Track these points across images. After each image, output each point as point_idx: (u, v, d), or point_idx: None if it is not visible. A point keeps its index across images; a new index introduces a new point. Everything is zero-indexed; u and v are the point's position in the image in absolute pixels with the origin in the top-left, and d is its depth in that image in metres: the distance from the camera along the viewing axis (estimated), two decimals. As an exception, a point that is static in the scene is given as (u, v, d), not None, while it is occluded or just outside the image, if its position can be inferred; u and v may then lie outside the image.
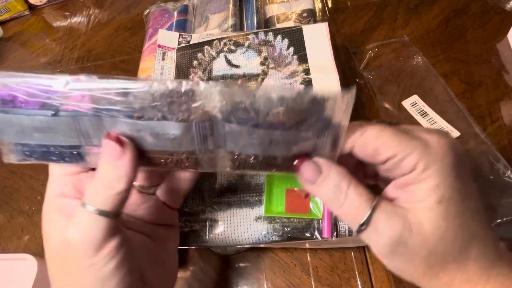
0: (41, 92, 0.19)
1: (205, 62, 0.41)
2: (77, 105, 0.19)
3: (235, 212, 0.33)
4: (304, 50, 0.39)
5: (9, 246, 0.41)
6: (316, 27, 0.40)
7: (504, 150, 0.36)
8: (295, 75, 0.38)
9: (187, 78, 0.41)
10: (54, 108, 0.20)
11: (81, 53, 0.58)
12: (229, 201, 0.33)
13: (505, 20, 0.45)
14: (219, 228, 0.33)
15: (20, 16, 0.68)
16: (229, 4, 0.50)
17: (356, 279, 0.32)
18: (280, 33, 0.40)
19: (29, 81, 0.19)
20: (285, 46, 0.40)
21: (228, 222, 0.33)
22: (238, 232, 0.32)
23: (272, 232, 0.32)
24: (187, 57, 0.42)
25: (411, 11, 0.49)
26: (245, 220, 0.32)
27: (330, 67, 0.37)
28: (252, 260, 0.34)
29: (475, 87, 0.41)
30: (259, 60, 0.39)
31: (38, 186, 0.45)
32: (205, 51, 0.42)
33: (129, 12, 0.62)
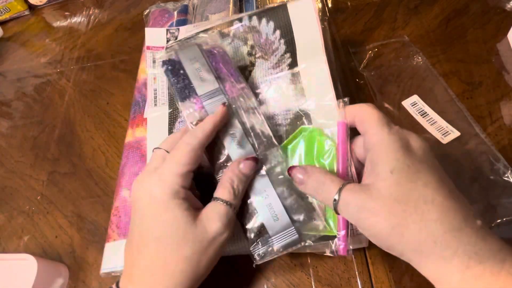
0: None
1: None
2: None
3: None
4: (291, 32, 0.37)
5: (9, 246, 0.41)
6: (302, 3, 0.38)
7: (504, 150, 0.36)
8: (282, 62, 0.36)
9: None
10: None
11: (81, 53, 0.58)
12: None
13: (505, 20, 0.45)
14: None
15: (20, 16, 0.68)
16: (229, 4, 0.50)
17: (356, 279, 0.32)
18: (265, 16, 0.38)
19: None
20: (271, 30, 0.38)
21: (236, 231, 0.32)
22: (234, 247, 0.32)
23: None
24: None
25: (411, 11, 0.49)
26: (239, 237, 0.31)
27: (317, 49, 0.35)
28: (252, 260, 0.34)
29: (475, 87, 0.41)
30: (246, 50, 0.38)
31: (38, 186, 0.45)
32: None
33: (129, 12, 0.62)
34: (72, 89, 0.54)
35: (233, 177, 0.29)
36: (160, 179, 0.27)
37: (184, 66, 0.34)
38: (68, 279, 0.37)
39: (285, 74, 0.36)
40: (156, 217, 0.26)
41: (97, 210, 0.41)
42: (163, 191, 0.27)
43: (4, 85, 0.58)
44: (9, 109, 0.54)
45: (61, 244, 0.40)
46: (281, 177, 0.30)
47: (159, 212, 0.26)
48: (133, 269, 0.26)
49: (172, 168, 0.27)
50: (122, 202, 0.37)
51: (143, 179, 0.28)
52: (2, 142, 0.51)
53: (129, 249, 0.28)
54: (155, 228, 0.26)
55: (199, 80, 0.33)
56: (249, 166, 0.29)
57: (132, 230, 0.28)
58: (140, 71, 0.48)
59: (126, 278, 0.27)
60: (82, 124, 0.49)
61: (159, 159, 0.29)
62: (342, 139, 0.29)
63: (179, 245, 0.26)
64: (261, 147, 0.31)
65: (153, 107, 0.40)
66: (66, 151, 0.47)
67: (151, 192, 0.27)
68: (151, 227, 0.26)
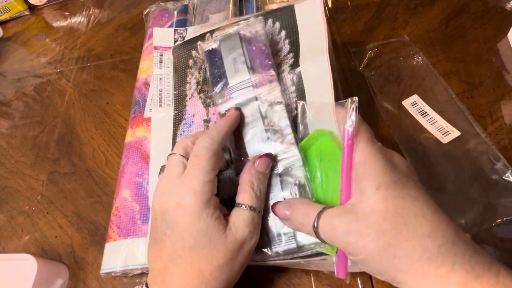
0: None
1: (200, 60, 0.40)
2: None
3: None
4: (297, 32, 0.36)
5: (9, 246, 0.41)
6: (309, 2, 0.37)
7: (505, 150, 0.36)
8: (284, 63, 0.35)
9: (184, 81, 0.40)
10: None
11: (81, 53, 0.58)
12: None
13: (505, 19, 0.45)
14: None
15: (20, 16, 0.68)
16: (229, 4, 0.50)
17: (356, 279, 0.32)
18: (271, 17, 0.38)
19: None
20: (276, 30, 0.37)
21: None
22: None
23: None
24: (183, 57, 0.41)
25: (411, 11, 0.49)
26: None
27: (321, 49, 0.34)
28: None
29: (475, 87, 0.41)
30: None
31: (38, 186, 0.45)
32: (198, 47, 0.40)
33: (129, 12, 0.62)
34: (72, 89, 0.54)
35: (252, 178, 0.28)
36: (190, 189, 0.26)
37: (223, 56, 0.34)
38: (68, 279, 0.37)
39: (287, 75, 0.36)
40: (189, 227, 0.26)
41: (97, 210, 0.41)
42: (195, 201, 0.26)
43: (4, 85, 0.58)
44: (9, 109, 0.54)
45: (61, 244, 0.40)
46: (292, 180, 0.30)
47: (192, 222, 0.26)
48: (165, 277, 0.26)
49: (200, 175, 0.27)
50: (122, 202, 0.37)
51: (168, 188, 0.28)
52: (2, 142, 0.51)
53: (156, 255, 0.27)
54: (189, 239, 0.26)
55: (233, 71, 0.33)
56: (265, 164, 0.29)
57: (159, 237, 0.27)
58: (140, 71, 0.48)
59: (157, 284, 0.27)
60: (82, 124, 0.49)
61: (179, 166, 0.28)
62: (347, 153, 0.26)
63: (212, 255, 0.26)
64: (281, 145, 0.31)
65: (158, 107, 0.40)
66: (66, 151, 0.47)
67: (183, 201, 0.26)
68: (185, 237, 0.26)
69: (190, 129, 0.37)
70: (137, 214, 0.36)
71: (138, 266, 0.33)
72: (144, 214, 0.36)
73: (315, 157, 0.30)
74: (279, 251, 0.29)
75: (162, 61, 0.43)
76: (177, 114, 0.39)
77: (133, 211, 0.36)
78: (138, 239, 0.34)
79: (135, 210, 0.36)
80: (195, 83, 0.39)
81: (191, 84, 0.39)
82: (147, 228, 0.35)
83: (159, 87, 0.41)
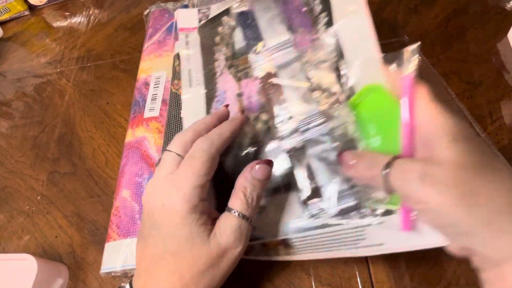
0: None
1: (226, 35, 0.38)
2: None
3: (281, 197, 0.30)
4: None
5: (9, 246, 0.41)
6: None
7: (505, 150, 0.36)
8: (318, 23, 0.33)
9: (212, 59, 0.39)
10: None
11: (81, 53, 0.58)
12: (274, 187, 0.31)
13: (505, 19, 0.45)
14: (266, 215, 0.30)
15: (20, 16, 0.68)
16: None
17: (357, 279, 0.32)
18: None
19: None
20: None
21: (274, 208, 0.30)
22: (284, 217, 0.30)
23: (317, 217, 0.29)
24: (209, 35, 0.40)
25: (411, 11, 0.49)
26: (290, 204, 0.30)
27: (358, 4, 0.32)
28: (251, 259, 0.34)
29: (475, 87, 0.41)
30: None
31: (38, 186, 0.45)
32: (223, 22, 0.39)
33: (129, 12, 0.62)
34: (72, 89, 0.54)
35: (246, 183, 0.27)
36: (178, 191, 0.26)
37: (257, 17, 0.33)
38: (68, 279, 0.37)
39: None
40: (173, 231, 0.26)
41: (97, 210, 0.41)
42: (181, 205, 0.25)
43: (4, 85, 0.58)
44: (9, 109, 0.54)
45: (61, 244, 0.40)
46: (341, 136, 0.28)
47: (176, 226, 0.26)
48: (148, 277, 0.26)
49: (191, 179, 0.26)
50: (122, 202, 0.37)
51: (158, 185, 0.27)
52: (2, 142, 0.51)
53: (142, 253, 0.27)
54: (171, 243, 0.26)
55: (271, 31, 0.32)
56: (263, 171, 0.27)
57: (145, 236, 0.27)
58: (140, 71, 0.48)
59: (140, 283, 0.27)
60: (82, 124, 0.49)
61: (172, 164, 0.27)
62: (409, 104, 0.24)
63: (194, 260, 0.25)
64: (326, 103, 0.29)
65: (188, 88, 0.39)
66: (66, 151, 0.47)
67: (168, 203, 0.26)
68: (167, 241, 0.26)
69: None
70: (137, 214, 0.36)
71: (138, 266, 0.33)
72: (144, 214, 0.36)
73: (368, 113, 0.28)
74: (336, 211, 0.27)
75: (188, 42, 0.42)
76: (208, 93, 0.38)
77: (133, 211, 0.36)
78: (138, 239, 0.34)
79: (135, 210, 0.36)
80: (224, 59, 0.38)
81: (219, 61, 0.38)
82: (147, 228, 0.35)
83: (187, 67, 0.40)
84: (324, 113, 0.30)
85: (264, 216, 0.31)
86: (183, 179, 0.26)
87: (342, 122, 0.29)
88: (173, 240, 0.26)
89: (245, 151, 0.32)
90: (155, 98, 0.44)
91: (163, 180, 0.27)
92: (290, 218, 0.30)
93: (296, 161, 0.30)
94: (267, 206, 0.31)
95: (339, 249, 0.28)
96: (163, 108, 0.43)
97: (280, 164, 0.31)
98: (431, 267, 0.32)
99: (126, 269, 0.34)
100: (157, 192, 0.27)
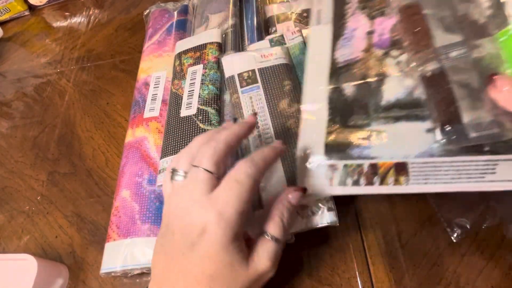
0: None
1: None
2: None
3: (403, 125, 0.30)
4: None
5: (9, 246, 0.41)
6: None
7: (504, 150, 0.36)
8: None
9: (343, 1, 0.39)
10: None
11: (81, 53, 0.58)
12: (396, 116, 0.30)
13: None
14: (384, 138, 0.30)
15: (20, 17, 0.68)
16: (229, 4, 0.50)
17: (357, 279, 0.32)
18: None
19: None
20: None
21: (394, 133, 0.30)
22: (405, 141, 0.29)
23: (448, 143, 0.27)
24: None
25: (411, 11, 0.49)
26: (413, 131, 0.29)
27: None
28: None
29: (475, 87, 0.41)
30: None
31: (38, 186, 0.45)
32: None
33: (129, 12, 0.62)
34: (72, 89, 0.54)
35: (284, 209, 0.27)
36: (221, 216, 0.24)
37: (425, 12, 0.32)
38: (68, 279, 0.37)
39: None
40: (213, 256, 0.24)
41: (97, 210, 0.41)
42: (224, 232, 0.24)
43: (4, 85, 0.58)
44: (9, 109, 0.54)
45: (61, 244, 0.40)
46: (486, 66, 0.27)
47: (216, 251, 0.24)
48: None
49: (235, 205, 0.24)
50: (122, 202, 0.37)
51: (193, 205, 0.25)
52: (2, 142, 0.51)
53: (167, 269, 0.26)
54: (210, 267, 0.25)
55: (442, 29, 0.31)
56: (299, 197, 0.28)
57: (174, 255, 0.26)
58: (140, 71, 0.48)
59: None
60: (82, 124, 0.49)
61: (208, 184, 0.26)
62: None
63: (230, 285, 0.25)
64: (470, 33, 0.29)
65: (315, 26, 0.38)
66: (66, 151, 0.47)
67: (210, 229, 0.24)
68: (205, 264, 0.25)
69: (350, 43, 0.36)
70: (136, 214, 0.36)
71: (137, 266, 0.33)
72: (143, 214, 0.36)
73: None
74: (473, 138, 0.26)
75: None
76: (336, 30, 0.37)
77: (133, 211, 0.36)
78: (138, 239, 0.34)
79: (135, 210, 0.36)
80: (356, 1, 0.38)
81: (352, 3, 0.38)
82: (146, 228, 0.35)
83: (317, 8, 0.40)
84: (468, 43, 0.29)
85: (381, 139, 0.30)
86: (225, 204, 0.25)
87: (489, 53, 0.28)
88: (211, 264, 0.25)
89: (368, 80, 0.32)
90: (155, 98, 0.44)
91: (200, 201, 0.25)
92: (414, 142, 0.29)
93: (433, 87, 0.30)
94: (387, 131, 0.30)
95: (461, 182, 0.27)
96: (163, 108, 0.43)
97: (405, 92, 0.31)
98: (431, 267, 0.32)
99: (126, 269, 0.34)
100: (194, 212, 0.25)
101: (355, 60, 0.34)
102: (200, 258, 0.25)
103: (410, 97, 0.31)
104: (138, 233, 0.35)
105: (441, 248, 0.32)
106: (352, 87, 0.33)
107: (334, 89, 0.34)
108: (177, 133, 0.38)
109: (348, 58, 0.34)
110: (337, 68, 0.35)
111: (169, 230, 0.26)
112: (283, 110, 0.36)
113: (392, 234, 0.34)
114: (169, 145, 0.38)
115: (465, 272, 0.31)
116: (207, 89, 0.41)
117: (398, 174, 0.29)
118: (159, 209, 0.36)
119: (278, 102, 0.37)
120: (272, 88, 0.38)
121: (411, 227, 0.34)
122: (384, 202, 0.36)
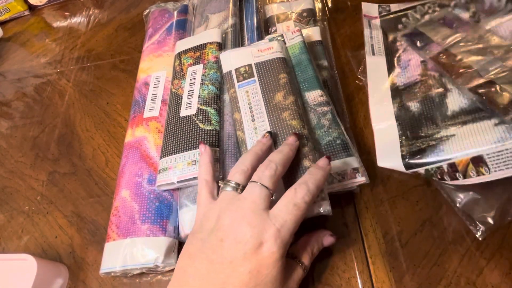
0: None
1: (411, 23, 0.44)
2: None
3: (471, 126, 0.34)
4: None
5: (9, 246, 0.41)
6: None
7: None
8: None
9: (394, 38, 0.45)
10: None
11: (81, 53, 0.58)
12: (463, 120, 0.34)
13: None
14: (455, 140, 0.34)
15: (20, 17, 0.68)
16: (229, 4, 0.50)
17: (357, 279, 0.32)
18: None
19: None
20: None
21: (464, 133, 0.33)
22: (476, 138, 0.32)
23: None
24: (392, 22, 0.46)
25: (411, 10, 0.49)
26: (482, 128, 0.33)
27: None
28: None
29: (476, 87, 0.41)
30: (467, 15, 0.41)
31: (38, 186, 0.45)
32: (409, 15, 0.45)
33: (129, 12, 0.62)
34: (72, 89, 0.54)
35: (315, 245, 0.31)
36: (279, 235, 0.26)
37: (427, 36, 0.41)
38: (68, 279, 0.37)
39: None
40: (259, 270, 0.26)
41: (97, 210, 0.41)
42: (278, 250, 0.26)
43: (4, 85, 0.58)
44: (9, 109, 0.54)
45: (61, 244, 0.40)
46: None
47: (268, 266, 0.26)
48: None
49: (292, 227, 0.27)
50: (122, 202, 0.37)
51: (251, 218, 0.27)
52: (2, 142, 0.51)
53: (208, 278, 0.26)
54: (256, 280, 0.26)
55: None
56: (331, 243, 0.32)
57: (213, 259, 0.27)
58: (140, 71, 0.48)
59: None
60: (82, 124, 0.49)
61: (266, 201, 0.28)
62: None
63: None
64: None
65: (371, 56, 0.44)
66: (66, 151, 0.47)
67: (266, 243, 0.26)
68: (252, 276, 0.26)
69: (406, 70, 0.41)
70: (136, 214, 0.36)
71: (137, 266, 0.33)
72: (143, 214, 0.36)
73: None
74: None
75: (371, 25, 0.47)
76: (390, 60, 0.43)
77: (133, 211, 0.36)
78: (138, 239, 0.34)
79: (135, 210, 0.36)
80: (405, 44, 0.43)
81: (401, 42, 0.44)
82: (146, 228, 0.35)
83: (370, 43, 0.45)
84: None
85: (452, 141, 0.34)
86: (283, 223, 0.27)
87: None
88: (258, 276, 0.26)
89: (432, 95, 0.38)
90: (155, 98, 0.44)
91: (261, 215, 0.27)
92: (485, 137, 0.32)
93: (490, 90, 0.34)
94: (457, 134, 0.34)
95: None
96: (163, 108, 0.43)
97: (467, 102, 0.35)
98: (431, 267, 0.32)
99: (125, 269, 0.34)
100: (252, 225, 0.26)
101: (415, 82, 0.39)
102: (249, 270, 0.26)
103: (473, 105, 0.35)
104: (137, 233, 0.35)
105: (442, 248, 0.32)
106: (416, 104, 0.38)
107: (399, 107, 0.39)
108: (177, 133, 0.38)
109: (408, 81, 0.40)
110: (399, 90, 0.40)
111: (216, 236, 0.27)
112: (279, 103, 0.36)
113: (392, 234, 0.34)
114: (169, 145, 0.38)
115: (465, 272, 0.31)
116: (207, 89, 0.41)
117: (478, 166, 0.32)
118: (159, 209, 0.36)
119: (274, 95, 0.37)
120: (268, 81, 0.38)
121: (411, 227, 0.34)
122: (384, 202, 0.36)
